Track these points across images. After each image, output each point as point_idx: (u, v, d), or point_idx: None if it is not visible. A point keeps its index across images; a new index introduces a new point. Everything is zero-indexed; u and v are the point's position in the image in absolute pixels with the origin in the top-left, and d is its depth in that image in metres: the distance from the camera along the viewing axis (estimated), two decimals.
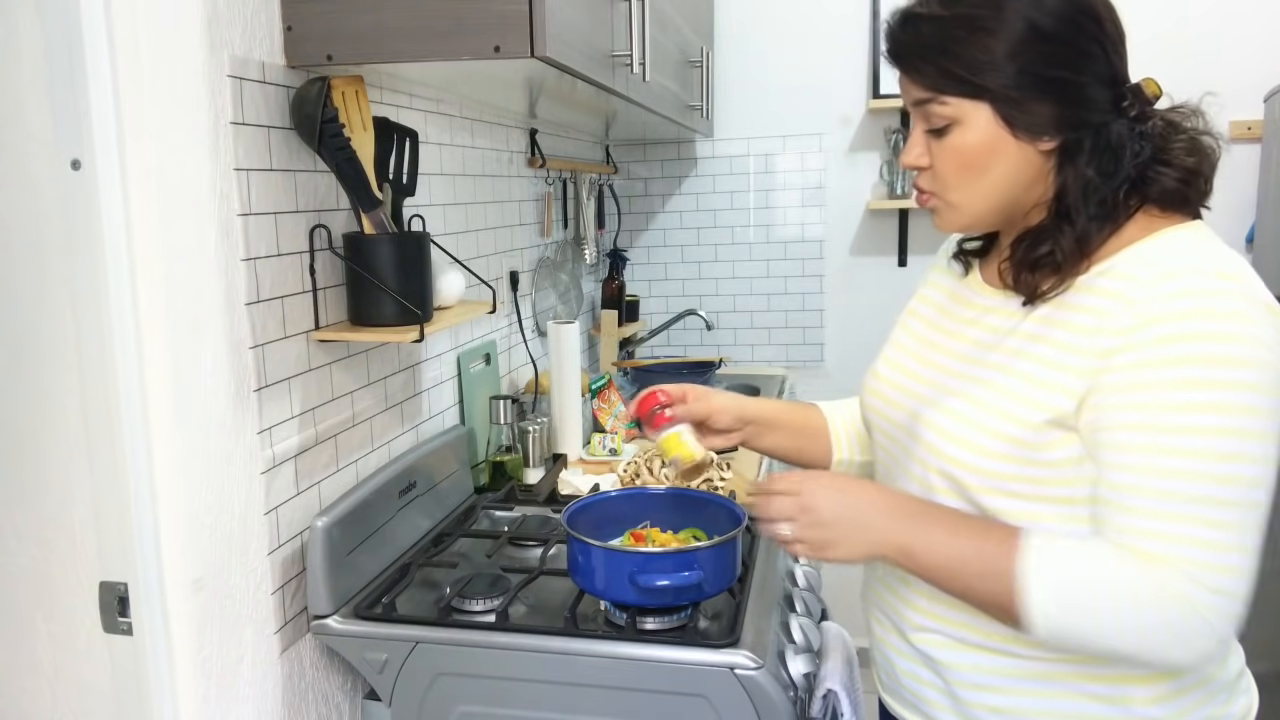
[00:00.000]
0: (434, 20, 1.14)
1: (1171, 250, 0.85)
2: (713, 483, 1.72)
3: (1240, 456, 0.79)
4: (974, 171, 0.91)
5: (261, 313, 1.19)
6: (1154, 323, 0.82)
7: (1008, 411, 0.89)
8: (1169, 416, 0.80)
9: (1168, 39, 2.55)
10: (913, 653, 1.00)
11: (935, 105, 0.91)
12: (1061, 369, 0.86)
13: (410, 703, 1.23)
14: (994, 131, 0.89)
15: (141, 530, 1.02)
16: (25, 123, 0.99)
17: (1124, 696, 0.90)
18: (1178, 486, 0.80)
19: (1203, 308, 0.81)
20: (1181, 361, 0.80)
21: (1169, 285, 0.82)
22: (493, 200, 1.94)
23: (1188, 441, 0.80)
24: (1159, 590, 0.80)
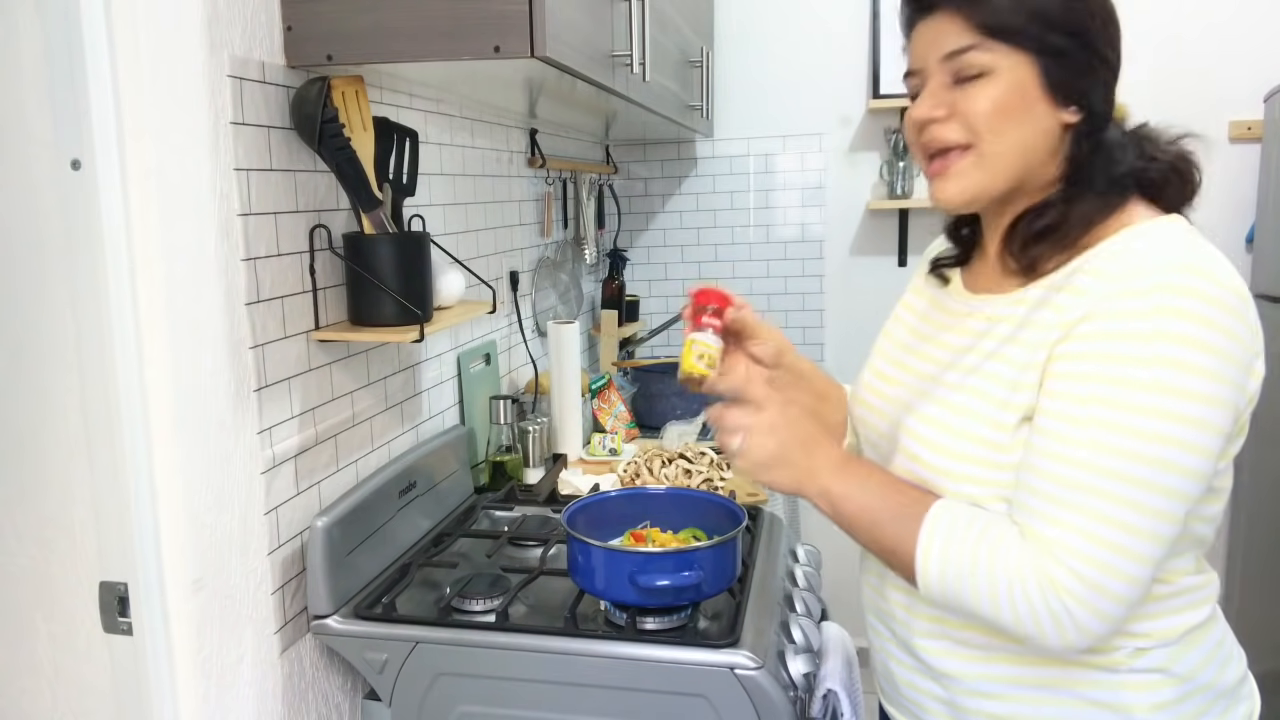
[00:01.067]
0: (434, 20, 1.14)
1: (1144, 246, 0.84)
2: (713, 483, 1.72)
3: (1158, 462, 0.78)
4: (1011, 117, 0.87)
5: (261, 313, 1.19)
6: (1099, 316, 0.81)
7: (980, 413, 0.89)
8: (1089, 409, 0.80)
9: (1168, 39, 2.55)
10: (912, 661, 1.00)
11: (974, 53, 0.87)
12: (1028, 368, 0.86)
13: (410, 703, 1.23)
14: (1030, 89, 0.87)
15: (141, 530, 1.02)
16: (25, 123, 0.99)
17: (1126, 704, 0.89)
18: (1076, 475, 0.80)
19: (1155, 306, 0.79)
20: (1112, 358, 0.79)
21: (1129, 283, 0.81)
22: (493, 200, 1.94)
23: (1099, 434, 0.79)
24: (1022, 565, 0.81)
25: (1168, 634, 0.90)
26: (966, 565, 0.84)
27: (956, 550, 0.85)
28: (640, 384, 2.38)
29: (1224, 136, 2.58)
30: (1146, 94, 2.59)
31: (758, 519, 1.56)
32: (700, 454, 1.81)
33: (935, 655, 0.96)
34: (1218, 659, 0.93)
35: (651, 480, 1.74)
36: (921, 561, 0.87)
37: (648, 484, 1.72)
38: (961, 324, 0.98)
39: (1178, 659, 0.90)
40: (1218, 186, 2.61)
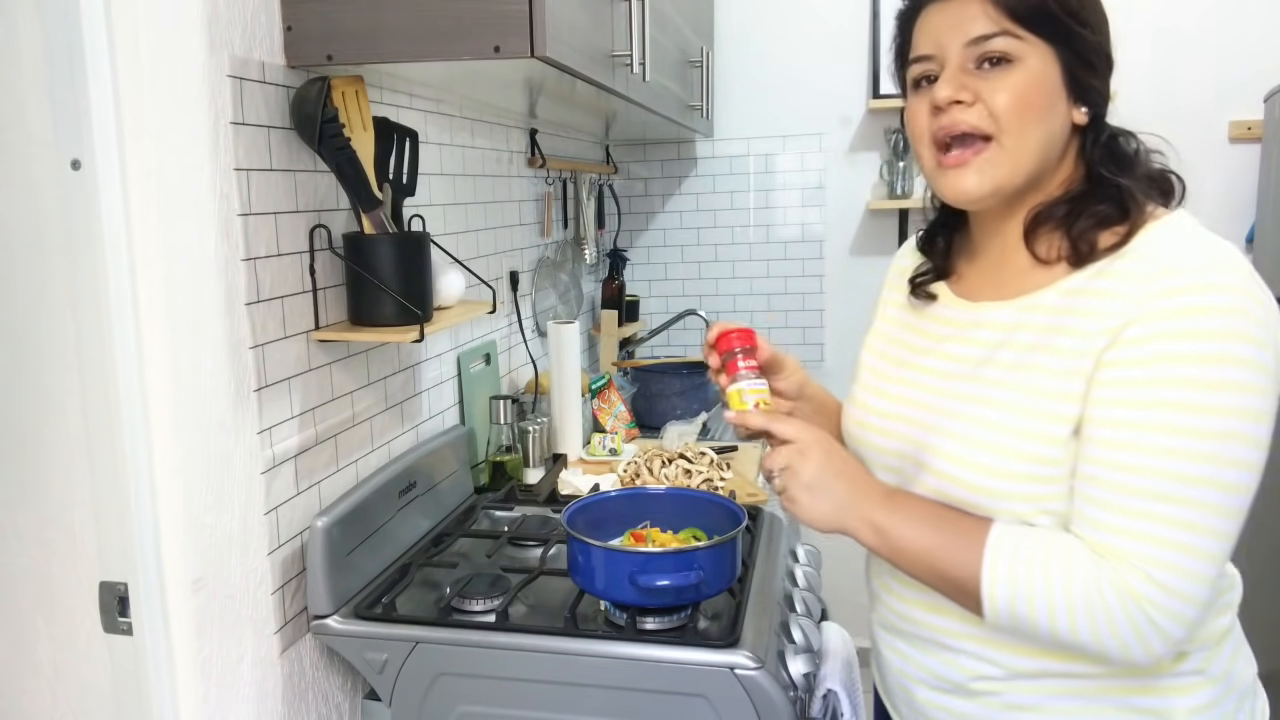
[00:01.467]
0: (434, 20, 1.14)
1: (1167, 245, 0.83)
2: (713, 483, 1.72)
3: (1218, 458, 0.77)
4: (1036, 112, 0.86)
5: (261, 313, 1.19)
6: (1144, 319, 0.80)
7: (1022, 428, 0.85)
8: (1146, 413, 0.78)
9: (1168, 39, 2.55)
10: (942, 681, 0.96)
11: (1002, 39, 0.85)
12: (1071, 376, 0.83)
13: (410, 703, 1.23)
14: (1052, 82, 0.86)
15: (141, 530, 1.02)
16: (25, 123, 0.99)
17: (1168, 709, 0.87)
18: (1144, 482, 0.78)
19: (1196, 305, 0.78)
20: (1167, 359, 0.78)
21: (1165, 282, 0.80)
22: (493, 200, 1.94)
23: (1162, 439, 0.77)
24: (1101, 582, 0.79)
25: (1207, 637, 0.89)
26: (1039, 588, 0.81)
27: (1025, 573, 0.81)
28: (640, 384, 2.38)
29: (1224, 136, 2.58)
30: (1146, 94, 2.59)
31: (758, 519, 1.56)
32: (700, 454, 1.81)
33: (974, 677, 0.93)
34: (1243, 656, 0.94)
35: (651, 480, 1.74)
36: (988, 588, 0.83)
37: (648, 484, 1.72)
38: (966, 334, 0.95)
39: (1213, 660, 0.89)
40: (1218, 186, 2.61)
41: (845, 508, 0.91)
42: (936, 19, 0.89)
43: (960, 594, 0.86)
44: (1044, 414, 0.84)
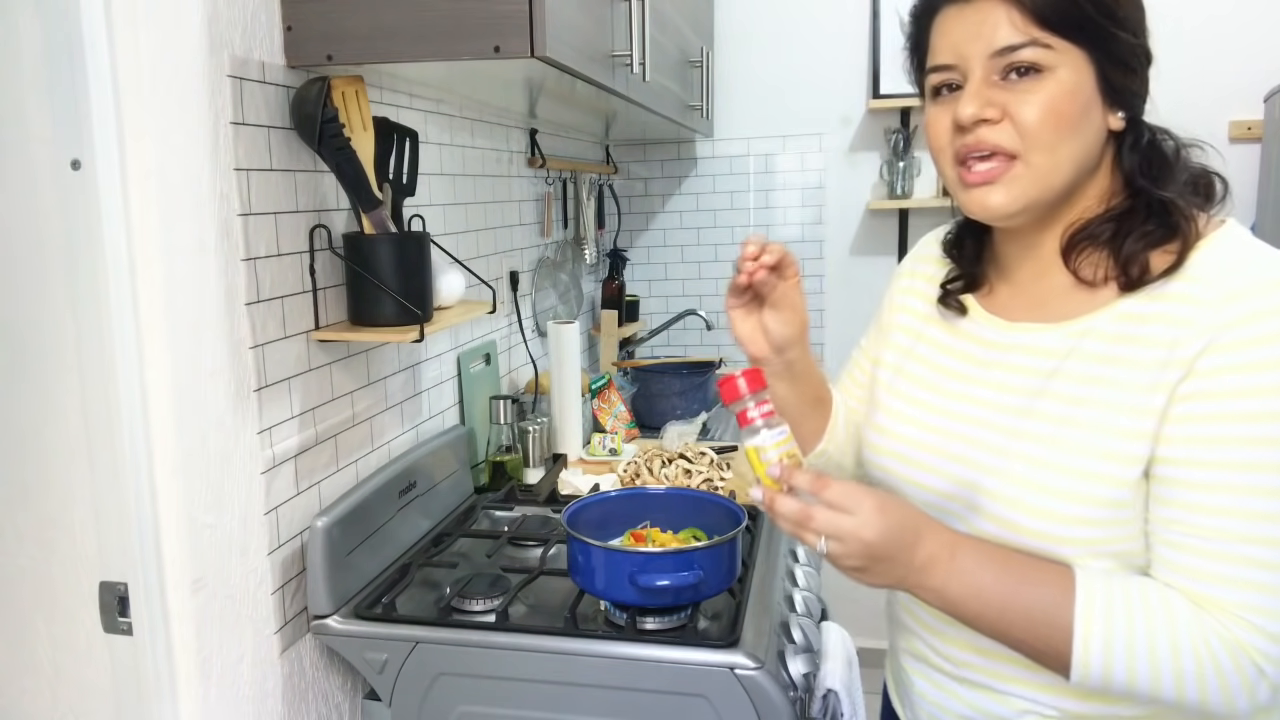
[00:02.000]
0: (434, 20, 1.14)
1: (1230, 263, 0.77)
2: (713, 483, 1.72)
3: None
4: (1069, 128, 0.79)
5: (261, 313, 1.19)
6: (1219, 350, 0.74)
7: (1092, 472, 0.79)
8: (1229, 451, 0.74)
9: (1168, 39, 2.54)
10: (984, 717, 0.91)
11: (1030, 50, 0.79)
12: (1138, 413, 0.78)
13: (410, 703, 1.23)
14: (1087, 90, 0.79)
15: (141, 530, 1.02)
16: (25, 123, 0.99)
17: None
18: (1233, 525, 0.73)
19: (1272, 332, 0.73)
20: (1247, 393, 0.73)
21: (1235, 308, 0.74)
22: (493, 200, 1.94)
23: (1248, 478, 0.73)
24: (1207, 635, 0.74)
25: None
26: (1142, 650, 0.75)
27: (1125, 635, 0.76)
28: (640, 384, 2.38)
29: (1224, 136, 2.58)
30: None
31: (758, 519, 1.56)
32: (700, 454, 1.81)
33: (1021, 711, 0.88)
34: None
35: (651, 480, 1.74)
36: (1081, 653, 0.76)
37: (648, 484, 1.72)
38: (1011, 359, 0.88)
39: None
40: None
41: (903, 580, 0.81)
42: (956, 24, 0.82)
43: (1042, 657, 0.80)
44: (1110, 454, 0.79)
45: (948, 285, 0.97)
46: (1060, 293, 0.87)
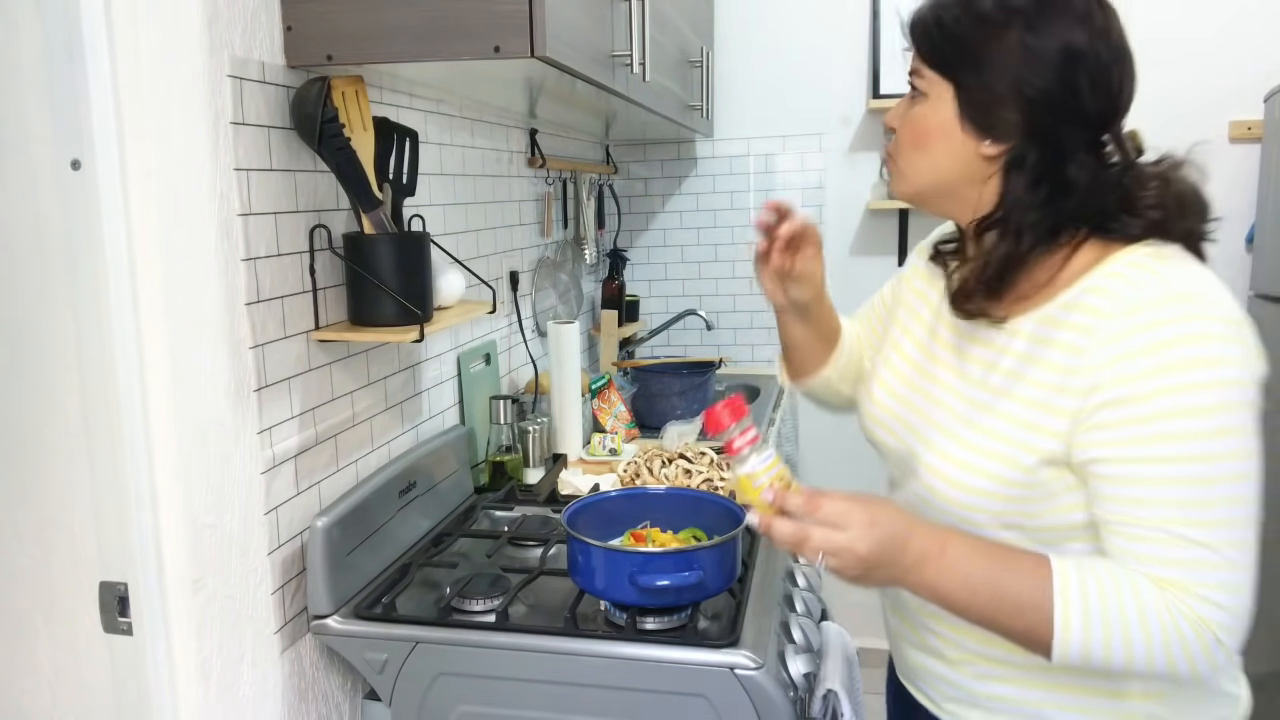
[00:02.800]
0: (434, 20, 1.14)
1: (1131, 280, 0.87)
2: (713, 483, 1.72)
3: (1222, 479, 0.82)
4: (919, 145, 0.97)
5: (261, 313, 1.19)
6: (1125, 359, 0.84)
7: (998, 453, 0.92)
8: (1152, 448, 0.83)
9: (1168, 39, 2.55)
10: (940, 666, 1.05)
11: (915, 76, 0.97)
12: (1046, 410, 0.89)
13: (410, 703, 1.23)
14: (948, 115, 0.94)
15: (141, 530, 1.02)
16: (25, 123, 0.99)
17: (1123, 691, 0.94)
18: (1173, 514, 0.83)
19: (1169, 337, 0.83)
20: (1156, 395, 0.83)
21: (1135, 319, 0.84)
22: (493, 200, 1.94)
23: (1176, 470, 0.83)
24: (1171, 612, 0.83)
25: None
26: (1115, 630, 0.84)
27: (1100, 618, 0.84)
28: (640, 384, 2.38)
29: (1224, 136, 2.58)
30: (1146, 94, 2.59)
31: None
32: (700, 454, 1.81)
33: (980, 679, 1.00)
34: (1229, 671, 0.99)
35: (651, 480, 1.74)
36: (1061, 633, 0.85)
37: (648, 484, 1.72)
38: (967, 348, 1.00)
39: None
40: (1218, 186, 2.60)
41: (900, 579, 0.90)
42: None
43: (1026, 639, 0.88)
44: (1015, 442, 0.90)
45: (941, 245, 1.09)
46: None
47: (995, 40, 0.90)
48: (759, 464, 0.92)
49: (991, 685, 1.00)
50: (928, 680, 1.08)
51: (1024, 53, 0.89)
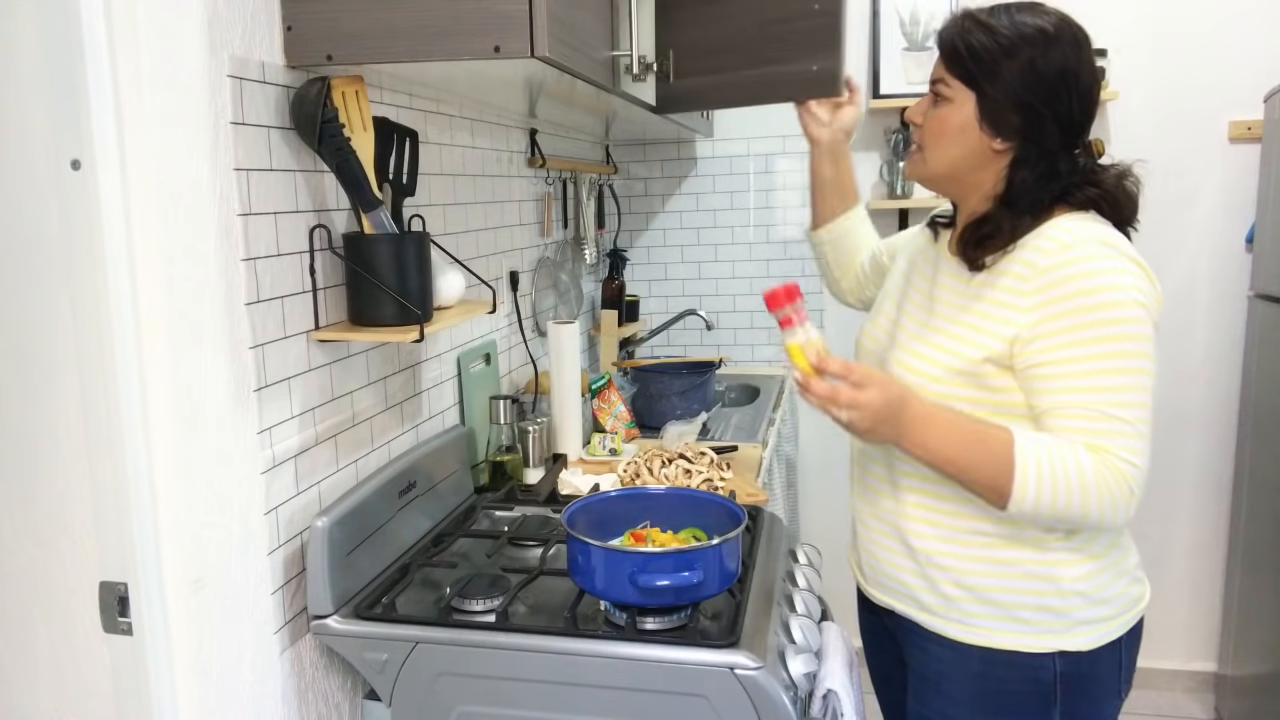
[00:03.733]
0: (434, 20, 1.14)
1: (1063, 231, 1.15)
2: (713, 483, 1.72)
3: (1133, 371, 1.11)
4: (944, 139, 1.22)
5: (261, 313, 1.19)
6: (1057, 284, 1.12)
7: (952, 350, 1.21)
8: (1080, 350, 1.11)
9: (1169, 39, 2.55)
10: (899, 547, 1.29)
11: (941, 85, 1.22)
12: (994, 320, 1.17)
13: (410, 703, 1.23)
14: (968, 116, 1.20)
15: (141, 530, 1.02)
16: (25, 123, 0.99)
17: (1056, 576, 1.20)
18: (1097, 400, 1.11)
19: (1091, 269, 1.11)
20: (1081, 310, 1.11)
21: (1065, 254, 1.13)
22: (493, 200, 1.94)
23: (1097, 365, 1.11)
24: (1105, 469, 1.11)
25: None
26: (1061, 483, 1.11)
27: (1049, 472, 1.11)
28: (640, 384, 2.38)
29: (1224, 136, 2.58)
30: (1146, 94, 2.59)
31: (758, 519, 1.56)
32: (700, 454, 1.81)
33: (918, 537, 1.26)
34: (1122, 544, 1.25)
35: (651, 480, 1.74)
36: (1019, 486, 1.11)
37: (648, 484, 1.72)
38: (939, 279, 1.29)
39: (1093, 541, 1.21)
40: (1218, 186, 2.61)
41: (900, 438, 1.16)
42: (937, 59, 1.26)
43: (989, 491, 1.14)
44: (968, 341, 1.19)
45: (938, 218, 1.38)
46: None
47: (1011, 61, 1.15)
48: (806, 337, 1.17)
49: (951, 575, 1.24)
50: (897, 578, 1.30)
51: (1032, 73, 1.15)
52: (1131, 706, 2.80)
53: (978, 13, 1.20)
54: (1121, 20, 2.56)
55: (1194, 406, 2.73)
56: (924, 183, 1.28)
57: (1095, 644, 1.22)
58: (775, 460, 2.29)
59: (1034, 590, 1.21)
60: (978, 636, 1.23)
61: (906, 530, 1.27)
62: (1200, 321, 2.70)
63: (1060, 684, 1.22)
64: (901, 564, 1.29)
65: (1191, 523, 2.78)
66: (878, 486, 1.33)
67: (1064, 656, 1.21)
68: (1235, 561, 2.64)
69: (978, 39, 1.17)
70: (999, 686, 1.24)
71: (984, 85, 1.17)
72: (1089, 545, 1.21)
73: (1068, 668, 1.21)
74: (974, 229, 1.22)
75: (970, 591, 1.23)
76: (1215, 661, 2.80)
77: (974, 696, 1.25)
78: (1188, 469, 2.76)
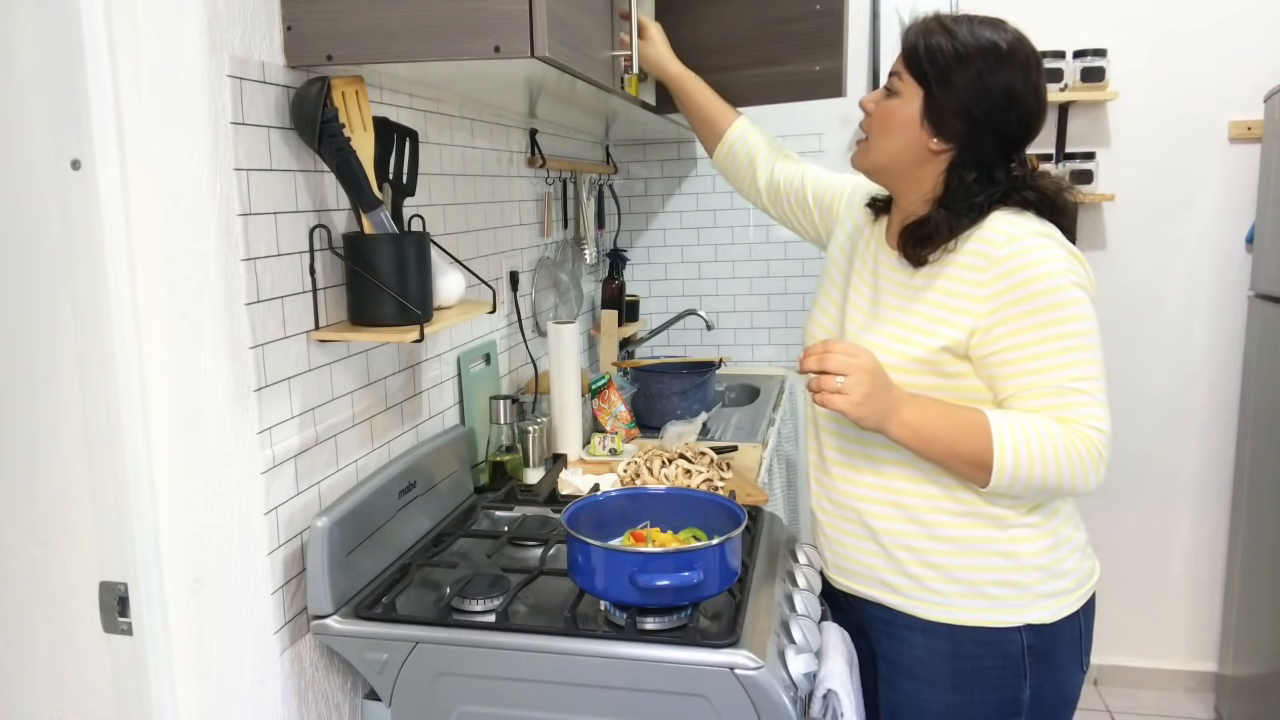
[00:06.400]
0: (434, 20, 1.14)
1: (1008, 224, 1.22)
2: (713, 483, 1.72)
3: (1084, 348, 1.19)
4: (887, 130, 1.29)
5: (261, 313, 1.19)
6: (1007, 275, 1.19)
7: (910, 340, 1.25)
8: (1034, 334, 1.18)
9: (1169, 39, 2.55)
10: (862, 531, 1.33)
11: (894, 78, 1.28)
12: (948, 310, 1.23)
13: (410, 703, 1.23)
14: (913, 112, 1.26)
15: (141, 530, 1.02)
16: (25, 123, 0.99)
17: (1016, 552, 1.26)
18: (1056, 378, 1.18)
19: (1034, 258, 1.18)
20: (1031, 297, 1.18)
21: (1011, 247, 1.19)
22: (493, 200, 1.94)
23: (1052, 347, 1.18)
24: (1074, 436, 1.17)
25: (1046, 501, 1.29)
26: (1037, 453, 1.16)
27: (1025, 444, 1.17)
28: (640, 384, 2.38)
29: (1224, 136, 2.58)
30: (1146, 94, 2.59)
31: (758, 519, 1.56)
32: (700, 454, 1.81)
33: (880, 519, 1.31)
34: (1074, 521, 1.32)
35: (651, 480, 1.74)
36: (998, 461, 1.17)
37: (648, 484, 1.72)
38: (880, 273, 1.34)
39: (1050, 518, 1.28)
40: (1218, 186, 2.61)
41: (887, 415, 1.19)
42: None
43: (971, 467, 1.20)
44: (925, 331, 1.25)
45: (875, 198, 1.44)
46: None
47: (962, 70, 1.22)
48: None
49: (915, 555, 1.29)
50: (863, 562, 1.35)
51: (980, 85, 1.22)
52: (1131, 706, 2.80)
53: (944, 18, 1.26)
54: (1121, 20, 2.56)
55: (1194, 406, 2.73)
56: (867, 173, 1.35)
57: (1056, 616, 1.27)
58: (775, 460, 2.29)
59: (997, 567, 1.26)
60: (947, 615, 1.28)
61: (867, 514, 1.32)
62: (1200, 321, 2.70)
63: (1028, 656, 1.27)
64: (866, 547, 1.33)
65: (1191, 523, 2.78)
66: (837, 473, 1.37)
67: (1029, 629, 1.26)
68: (1235, 561, 2.64)
69: (937, 42, 1.23)
70: (970, 664, 1.29)
71: (933, 86, 1.24)
72: (1045, 522, 1.27)
73: (1033, 640, 1.27)
74: (913, 229, 1.28)
75: (937, 570, 1.28)
76: (1215, 661, 2.80)
77: (947, 676, 1.30)
78: (1188, 469, 2.76)
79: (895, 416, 1.20)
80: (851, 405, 1.17)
